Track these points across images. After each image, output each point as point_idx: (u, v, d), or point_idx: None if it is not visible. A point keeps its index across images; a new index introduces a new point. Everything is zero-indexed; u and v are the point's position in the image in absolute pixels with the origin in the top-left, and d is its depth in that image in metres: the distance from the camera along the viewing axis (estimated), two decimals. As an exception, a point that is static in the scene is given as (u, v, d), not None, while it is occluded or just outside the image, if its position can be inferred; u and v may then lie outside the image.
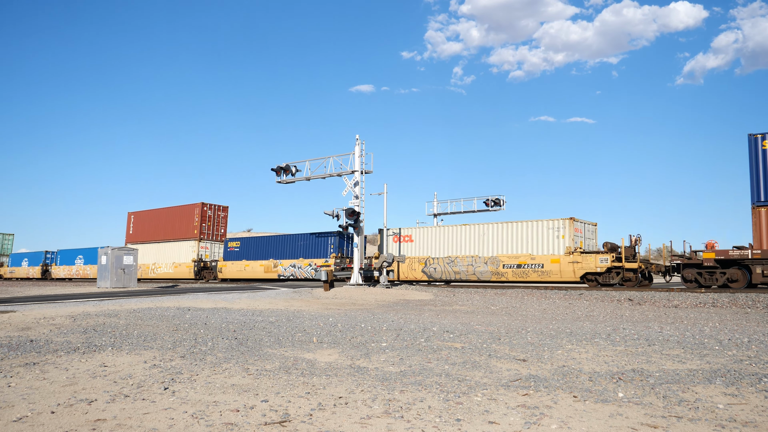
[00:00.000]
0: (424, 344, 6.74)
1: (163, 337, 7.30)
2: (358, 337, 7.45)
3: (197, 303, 13.76)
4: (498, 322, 9.81)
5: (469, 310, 13.05)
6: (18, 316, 10.07)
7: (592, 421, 3.50)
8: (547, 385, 4.47)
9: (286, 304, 14.52)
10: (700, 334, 7.81)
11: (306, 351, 6.26)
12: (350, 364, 5.43)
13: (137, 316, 10.14)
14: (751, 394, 4.18)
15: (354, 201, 23.29)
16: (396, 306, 14.55)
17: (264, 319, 9.75)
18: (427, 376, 4.87)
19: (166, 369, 5.17)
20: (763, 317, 11.37)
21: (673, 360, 5.68)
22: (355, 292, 19.19)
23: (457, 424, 3.43)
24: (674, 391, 4.28)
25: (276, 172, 25.67)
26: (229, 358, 5.77)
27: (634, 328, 8.65)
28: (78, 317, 9.81)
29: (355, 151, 23.43)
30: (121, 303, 13.40)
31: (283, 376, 4.87)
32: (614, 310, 13.14)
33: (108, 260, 25.22)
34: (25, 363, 5.45)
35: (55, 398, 4.07)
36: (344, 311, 12.19)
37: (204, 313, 10.84)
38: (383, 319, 9.92)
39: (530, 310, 13.23)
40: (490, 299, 16.79)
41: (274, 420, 3.53)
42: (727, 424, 3.44)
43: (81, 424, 3.43)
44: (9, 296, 18.75)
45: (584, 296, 16.96)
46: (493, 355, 5.97)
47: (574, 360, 5.67)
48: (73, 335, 7.48)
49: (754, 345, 6.71)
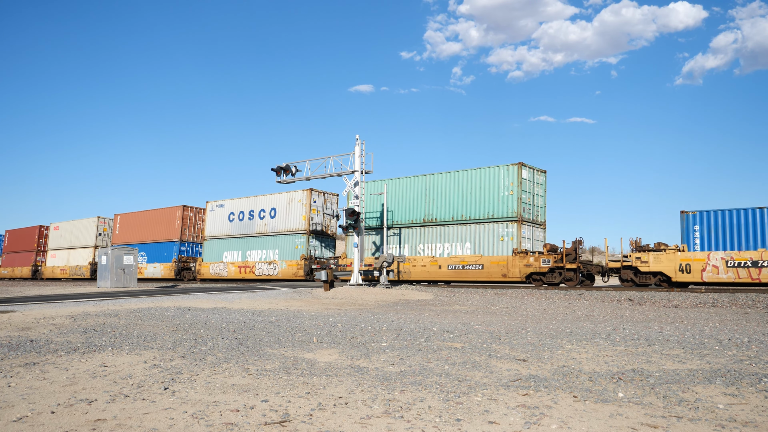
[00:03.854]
0: (424, 344, 6.74)
1: (163, 337, 7.30)
2: (358, 337, 7.45)
3: (197, 303, 13.76)
4: (498, 322, 9.81)
5: (469, 310, 13.05)
6: (18, 316, 10.07)
7: (592, 421, 3.50)
8: (547, 385, 4.47)
9: (286, 304, 14.52)
10: (700, 334, 7.81)
11: (306, 351, 6.26)
12: (350, 364, 5.43)
13: (137, 316, 10.14)
14: (751, 394, 4.18)
15: (354, 201, 23.29)
16: (396, 306, 14.55)
17: (264, 319, 9.76)
18: (427, 376, 4.87)
19: (166, 369, 5.17)
20: (763, 317, 11.37)
21: (673, 360, 5.68)
22: (355, 292, 19.19)
23: (457, 424, 3.43)
24: (674, 391, 4.28)
25: (276, 172, 25.66)
26: (229, 358, 5.77)
27: (634, 328, 8.65)
28: (78, 317, 9.81)
29: (355, 151, 23.42)
30: (121, 303, 13.40)
31: (283, 376, 4.87)
32: (614, 310, 13.13)
33: (108, 260, 25.21)
34: (25, 363, 5.45)
35: (55, 398, 4.07)
36: (344, 311, 12.19)
37: (204, 313, 10.84)
38: (383, 319, 9.92)
39: (530, 310, 13.23)
40: (490, 299, 16.79)
41: (274, 420, 3.53)
42: (727, 424, 3.44)
43: (81, 424, 3.43)
44: (9, 296, 18.76)
45: (584, 296, 16.96)
46: (493, 355, 5.97)
47: (574, 360, 5.67)
48: (73, 335, 7.48)
49: (754, 345, 6.71)
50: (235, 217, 33.17)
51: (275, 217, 31.15)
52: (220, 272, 33.47)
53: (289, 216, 30.55)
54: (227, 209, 33.67)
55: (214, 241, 34.17)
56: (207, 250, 34.49)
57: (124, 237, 40.51)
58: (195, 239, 36.80)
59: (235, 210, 33.24)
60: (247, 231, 32.39)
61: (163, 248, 36.67)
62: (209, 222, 34.56)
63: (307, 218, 29.64)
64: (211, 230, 34.36)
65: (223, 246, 33.61)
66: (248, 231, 32.36)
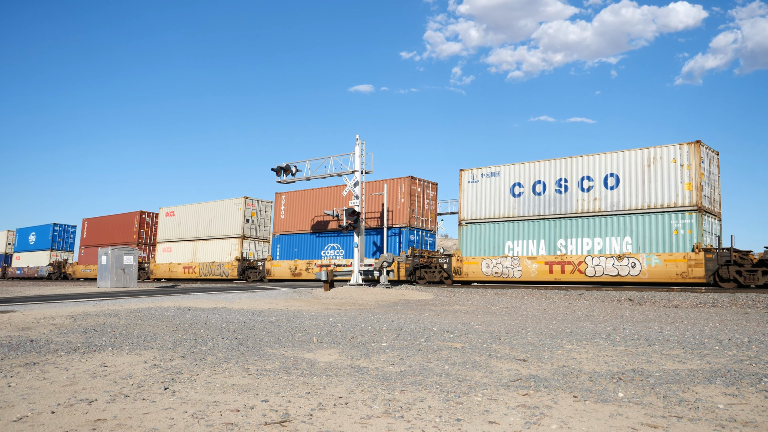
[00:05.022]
0: (424, 344, 6.74)
1: (163, 337, 7.30)
2: (358, 337, 7.45)
3: (197, 303, 13.76)
4: (498, 322, 9.81)
5: (469, 310, 13.05)
6: (18, 316, 10.07)
7: (592, 421, 3.50)
8: (547, 385, 4.47)
9: (286, 304, 14.52)
10: (700, 334, 7.81)
11: (306, 351, 6.26)
12: (350, 364, 5.43)
13: (137, 315, 10.14)
14: (751, 394, 4.18)
15: (354, 201, 23.29)
16: (396, 306, 14.54)
17: (264, 319, 9.76)
18: (428, 376, 4.87)
19: (166, 369, 5.17)
20: (763, 317, 11.37)
21: (674, 360, 5.68)
22: (355, 292, 19.19)
23: (457, 424, 3.43)
24: (674, 391, 4.28)
25: (276, 172, 25.69)
26: (230, 358, 5.77)
27: (634, 328, 8.65)
28: (78, 317, 9.81)
29: (355, 151, 23.43)
30: (121, 303, 13.40)
31: (283, 376, 4.87)
32: (614, 310, 13.13)
33: (108, 260, 25.21)
34: (25, 363, 5.45)
35: (55, 398, 4.07)
36: (344, 311, 12.19)
37: (204, 313, 10.84)
38: (383, 319, 9.92)
39: (530, 310, 13.23)
40: (490, 299, 16.79)
41: (274, 420, 3.53)
42: (727, 424, 3.43)
43: (81, 424, 3.43)
44: (9, 296, 18.75)
45: (584, 296, 16.95)
46: (493, 355, 5.97)
47: (575, 360, 5.67)
48: (73, 335, 7.48)
49: (754, 345, 6.71)
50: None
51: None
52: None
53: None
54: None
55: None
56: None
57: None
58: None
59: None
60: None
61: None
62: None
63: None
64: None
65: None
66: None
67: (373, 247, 26.85)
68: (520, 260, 21.30)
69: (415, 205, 26.37)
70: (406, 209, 25.99)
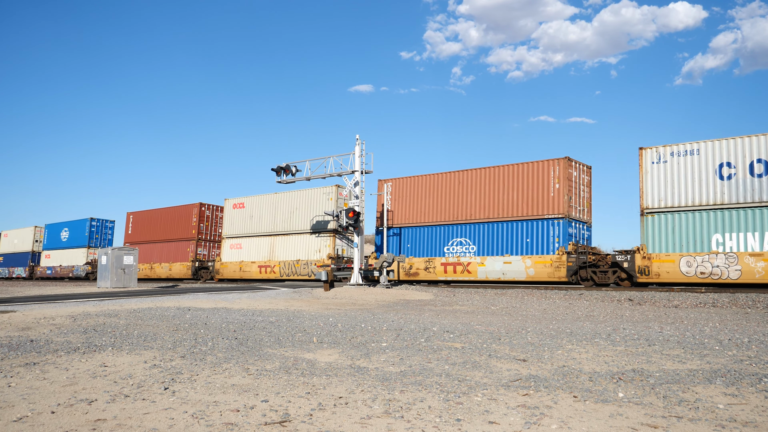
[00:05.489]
0: (424, 344, 6.74)
1: (163, 337, 7.30)
2: (358, 337, 7.45)
3: (197, 303, 13.76)
4: (498, 322, 9.81)
5: (469, 310, 13.05)
6: (18, 316, 10.07)
7: (592, 421, 3.50)
8: (547, 385, 4.47)
9: (286, 304, 14.52)
10: (700, 334, 7.81)
11: (306, 351, 6.26)
12: (350, 364, 5.43)
13: (137, 316, 10.14)
14: (751, 394, 4.18)
15: (354, 201, 23.29)
16: (396, 306, 14.55)
17: (264, 319, 9.76)
18: (428, 376, 4.87)
19: (166, 369, 5.17)
20: (763, 317, 11.37)
21: (674, 360, 5.68)
22: (355, 292, 19.19)
23: (457, 424, 3.43)
24: (674, 391, 4.28)
25: (276, 172, 25.68)
26: (230, 358, 5.77)
27: (634, 328, 8.65)
28: (78, 317, 9.81)
29: (355, 151, 23.43)
30: (121, 303, 13.40)
31: (283, 376, 4.87)
32: (614, 310, 13.13)
33: (108, 260, 25.21)
34: (26, 363, 5.45)
35: (56, 398, 4.07)
36: (344, 311, 12.19)
37: (204, 313, 10.84)
38: (383, 319, 9.92)
39: (530, 310, 13.23)
40: (490, 299, 16.79)
41: (274, 420, 3.53)
42: (727, 424, 3.43)
43: (81, 424, 3.43)
44: (9, 296, 18.75)
45: (584, 296, 16.96)
46: (493, 355, 5.97)
47: (575, 360, 5.67)
48: (73, 335, 7.48)
49: (754, 345, 6.71)
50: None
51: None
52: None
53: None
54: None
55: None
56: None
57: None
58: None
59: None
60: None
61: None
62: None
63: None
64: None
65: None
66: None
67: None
68: (738, 257, 17.04)
69: (573, 192, 21.51)
70: (562, 196, 21.06)
